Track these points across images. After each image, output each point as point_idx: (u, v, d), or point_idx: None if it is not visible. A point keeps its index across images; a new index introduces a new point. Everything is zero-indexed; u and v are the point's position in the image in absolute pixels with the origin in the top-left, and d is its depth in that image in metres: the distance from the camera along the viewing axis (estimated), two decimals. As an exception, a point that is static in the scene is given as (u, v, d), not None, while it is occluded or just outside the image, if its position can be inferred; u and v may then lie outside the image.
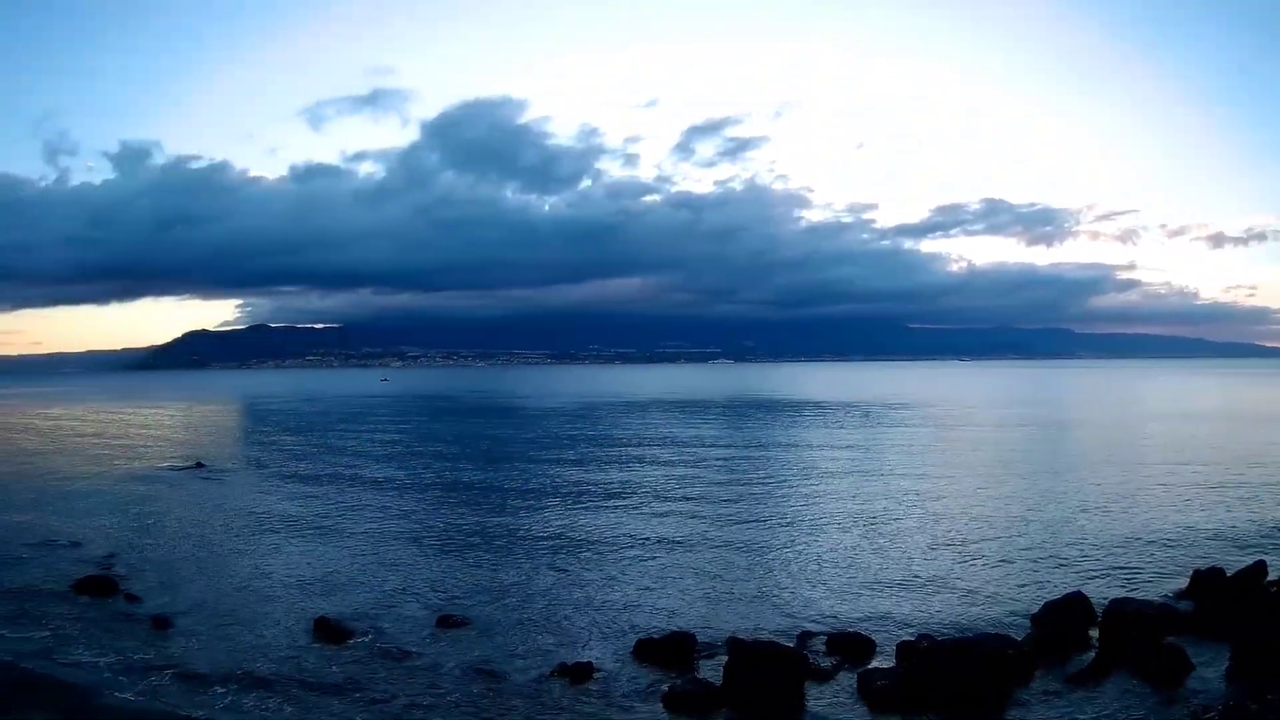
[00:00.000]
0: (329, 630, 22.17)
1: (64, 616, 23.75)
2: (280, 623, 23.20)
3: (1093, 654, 18.93)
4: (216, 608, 24.55)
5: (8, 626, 22.98)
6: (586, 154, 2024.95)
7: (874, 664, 19.06)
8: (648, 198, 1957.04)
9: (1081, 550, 29.06)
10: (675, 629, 21.23)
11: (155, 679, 19.31)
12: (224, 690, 18.73)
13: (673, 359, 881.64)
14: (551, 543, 32.14)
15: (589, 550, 30.91)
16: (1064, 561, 27.70)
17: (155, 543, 33.14)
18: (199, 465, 56.43)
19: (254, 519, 37.68)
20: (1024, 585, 25.16)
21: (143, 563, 29.88)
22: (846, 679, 18.33)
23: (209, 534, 34.62)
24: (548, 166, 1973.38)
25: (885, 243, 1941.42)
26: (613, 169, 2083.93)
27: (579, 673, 19.02)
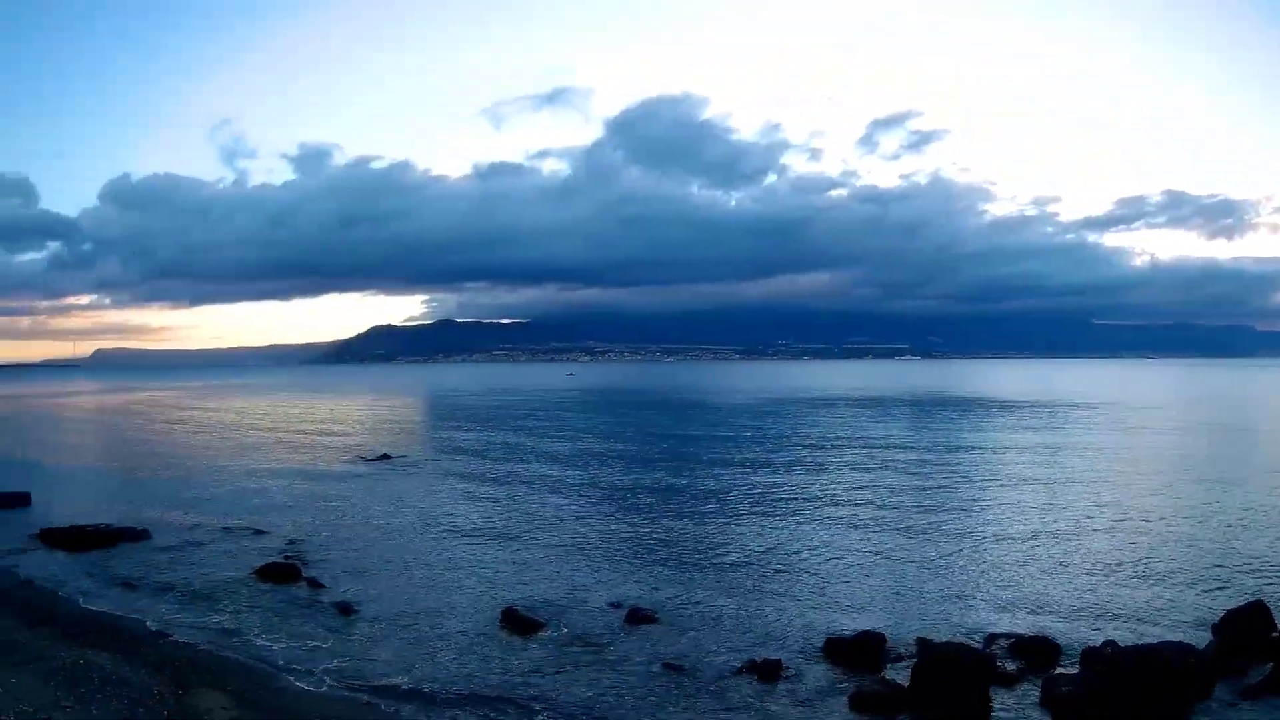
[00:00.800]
0: (517, 621, 22.21)
1: (245, 602, 24.60)
2: (466, 613, 23.36)
3: (1271, 666, 18.72)
4: (400, 596, 24.96)
5: (190, 609, 24.00)
6: (770, 150, 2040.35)
7: (1058, 669, 19.06)
8: (833, 192, 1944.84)
9: (1263, 558, 28.55)
10: (864, 629, 21.01)
11: (336, 665, 19.62)
12: (407, 677, 18.83)
13: (860, 355, 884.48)
14: (739, 541, 31.67)
15: (776, 549, 30.43)
16: (1246, 569, 27.22)
17: (339, 532, 34.25)
18: (385, 457, 58.58)
19: (439, 511, 38.52)
20: (1206, 592, 24.89)
21: (326, 551, 30.86)
22: (1031, 684, 18.36)
23: (394, 524, 35.56)
24: (732, 163, 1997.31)
25: (1069, 236, 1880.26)
26: (797, 164, 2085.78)
27: (767, 670, 19.13)
